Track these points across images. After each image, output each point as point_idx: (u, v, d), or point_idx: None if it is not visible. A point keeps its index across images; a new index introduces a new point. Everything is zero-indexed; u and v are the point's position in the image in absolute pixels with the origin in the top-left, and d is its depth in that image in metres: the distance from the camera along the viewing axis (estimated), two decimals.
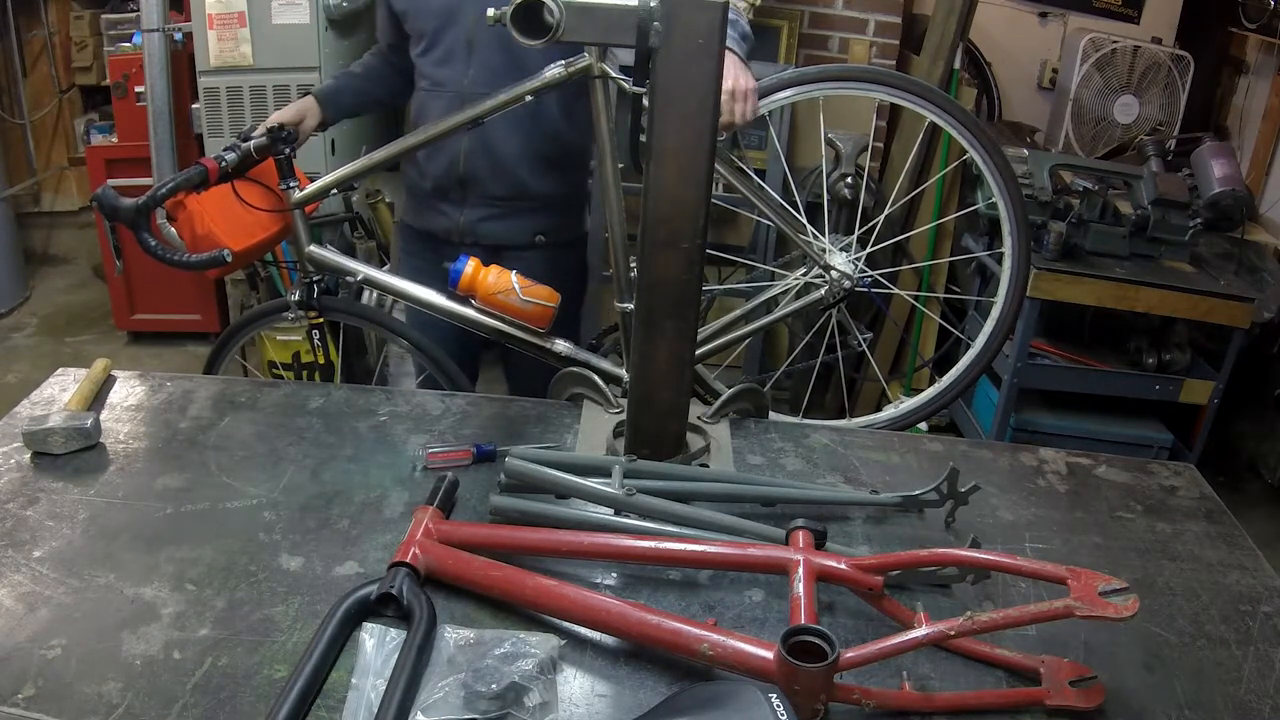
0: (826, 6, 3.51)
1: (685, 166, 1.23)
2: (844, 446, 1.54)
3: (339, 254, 1.86)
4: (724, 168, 1.70)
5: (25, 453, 1.35)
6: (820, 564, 1.09)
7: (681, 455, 1.43)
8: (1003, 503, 1.41)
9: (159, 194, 1.63)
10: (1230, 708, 1.07)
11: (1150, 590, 1.25)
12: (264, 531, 1.23)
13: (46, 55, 4.15)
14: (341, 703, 0.97)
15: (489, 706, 0.96)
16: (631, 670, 1.05)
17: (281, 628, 1.07)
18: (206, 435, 1.43)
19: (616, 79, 1.59)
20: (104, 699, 0.96)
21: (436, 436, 1.47)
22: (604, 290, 3.41)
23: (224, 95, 3.10)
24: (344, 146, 3.31)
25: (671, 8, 1.16)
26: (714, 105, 1.21)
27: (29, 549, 1.17)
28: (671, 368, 1.35)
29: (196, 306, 3.85)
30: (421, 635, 1.02)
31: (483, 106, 1.70)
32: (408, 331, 1.99)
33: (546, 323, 1.69)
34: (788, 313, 1.87)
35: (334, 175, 1.80)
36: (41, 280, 4.44)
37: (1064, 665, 1.06)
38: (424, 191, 2.07)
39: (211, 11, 2.99)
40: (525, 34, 1.38)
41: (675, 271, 1.28)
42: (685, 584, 1.19)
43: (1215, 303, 2.88)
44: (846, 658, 0.94)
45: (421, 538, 1.15)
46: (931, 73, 3.28)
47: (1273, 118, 3.59)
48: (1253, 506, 3.36)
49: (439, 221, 2.06)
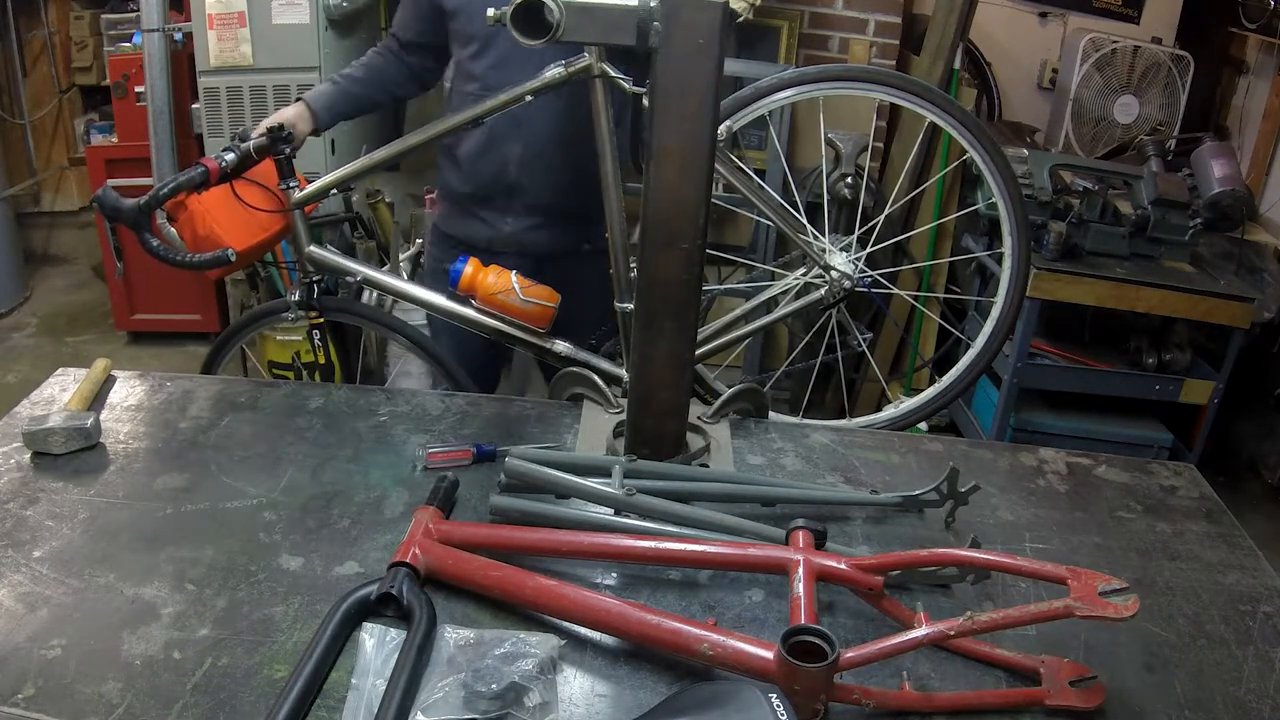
0: (826, 6, 3.51)
1: (685, 166, 1.23)
2: (844, 446, 1.54)
3: (339, 254, 1.86)
4: (724, 168, 1.70)
5: (25, 453, 1.35)
6: (820, 564, 1.09)
7: (681, 455, 1.43)
8: (1003, 503, 1.41)
9: (160, 194, 1.63)
10: (1230, 708, 1.07)
11: (1150, 590, 1.25)
12: (264, 531, 1.23)
13: (46, 55, 4.15)
14: (341, 703, 0.97)
15: (489, 706, 0.96)
16: (631, 670, 1.05)
17: (281, 628, 1.07)
18: (206, 435, 1.43)
19: (616, 79, 1.60)
20: (104, 699, 0.96)
21: (436, 436, 1.47)
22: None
23: (224, 95, 3.10)
24: (344, 146, 3.31)
25: (671, 8, 1.16)
26: (714, 105, 1.21)
27: (29, 549, 1.17)
28: (671, 368, 1.35)
29: (196, 306, 3.85)
30: (421, 635, 1.02)
31: (483, 106, 1.70)
32: (408, 330, 1.99)
33: (546, 323, 1.69)
34: (788, 312, 1.87)
35: (333, 175, 1.80)
36: (41, 280, 4.44)
37: (1064, 665, 1.06)
38: (464, 197, 2.03)
39: (211, 11, 2.99)
40: (525, 34, 1.38)
41: (675, 271, 1.28)
42: (685, 584, 1.19)
43: (1215, 303, 2.88)
44: (846, 658, 0.94)
45: (421, 538, 1.15)
46: (931, 73, 3.28)
47: (1273, 118, 3.59)
48: (1253, 507, 3.36)
49: (479, 230, 2.03)
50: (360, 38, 3.47)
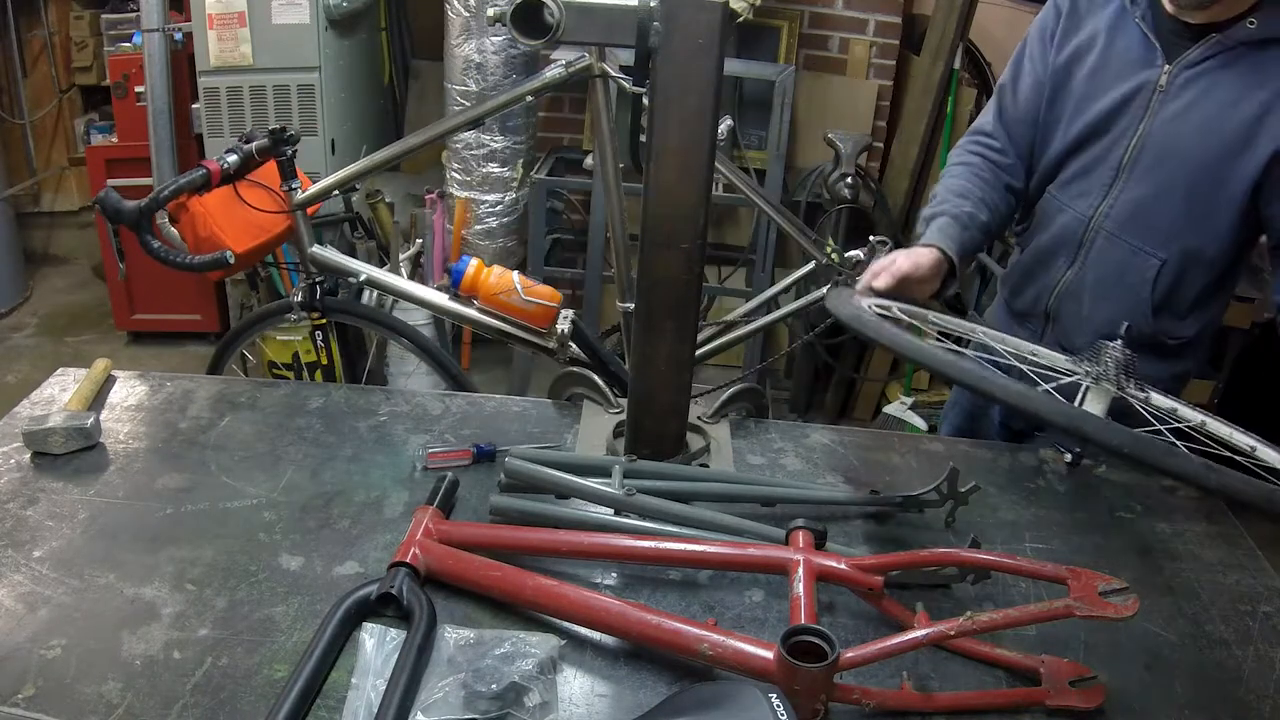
0: (826, 6, 3.51)
1: (685, 166, 1.23)
2: (844, 446, 1.54)
3: (341, 255, 1.86)
4: (725, 167, 1.70)
5: (25, 453, 1.35)
6: (820, 564, 1.09)
7: (681, 455, 1.43)
8: (1003, 503, 1.41)
9: (162, 196, 1.64)
10: (1230, 708, 1.07)
11: (1150, 590, 1.25)
12: (264, 531, 1.23)
13: (46, 55, 4.15)
14: (341, 703, 0.97)
15: (489, 706, 0.96)
16: (631, 670, 1.05)
17: (281, 628, 1.07)
18: (206, 435, 1.43)
19: (617, 79, 1.60)
20: (104, 699, 0.96)
21: (436, 436, 1.47)
22: (605, 290, 3.42)
23: (224, 95, 3.11)
24: (344, 147, 3.31)
25: (671, 8, 1.16)
26: (714, 105, 1.21)
27: (29, 549, 1.17)
28: (671, 368, 1.35)
29: (197, 307, 3.85)
30: (421, 635, 1.02)
31: (484, 107, 1.70)
32: (408, 331, 2.00)
33: (548, 322, 1.69)
34: (789, 311, 1.87)
35: (335, 176, 1.80)
36: (41, 280, 4.44)
37: (1064, 665, 1.06)
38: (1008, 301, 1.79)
39: (211, 11, 3.00)
40: (525, 34, 1.38)
41: (675, 271, 1.28)
42: (685, 584, 1.19)
43: None
44: (846, 658, 0.94)
45: (421, 538, 1.15)
46: (931, 73, 3.28)
47: None
48: None
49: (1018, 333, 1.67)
50: (360, 38, 3.48)
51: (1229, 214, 1.46)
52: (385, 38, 3.78)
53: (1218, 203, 1.45)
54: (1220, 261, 1.52)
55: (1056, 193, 1.60)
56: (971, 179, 1.60)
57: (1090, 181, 1.54)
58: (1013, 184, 1.64)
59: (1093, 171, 1.53)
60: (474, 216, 3.31)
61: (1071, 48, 1.54)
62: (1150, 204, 1.48)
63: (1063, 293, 1.61)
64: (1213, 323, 1.63)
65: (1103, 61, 1.50)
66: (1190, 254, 1.50)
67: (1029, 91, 1.60)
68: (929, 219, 1.55)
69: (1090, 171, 1.54)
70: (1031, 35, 1.60)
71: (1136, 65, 1.46)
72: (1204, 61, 1.41)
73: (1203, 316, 1.59)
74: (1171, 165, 1.45)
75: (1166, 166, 1.46)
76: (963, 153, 1.67)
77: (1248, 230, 1.50)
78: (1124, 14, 1.49)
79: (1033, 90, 1.59)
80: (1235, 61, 1.39)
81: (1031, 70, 1.59)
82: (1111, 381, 1.18)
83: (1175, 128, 1.44)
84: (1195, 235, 1.48)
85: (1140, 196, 1.49)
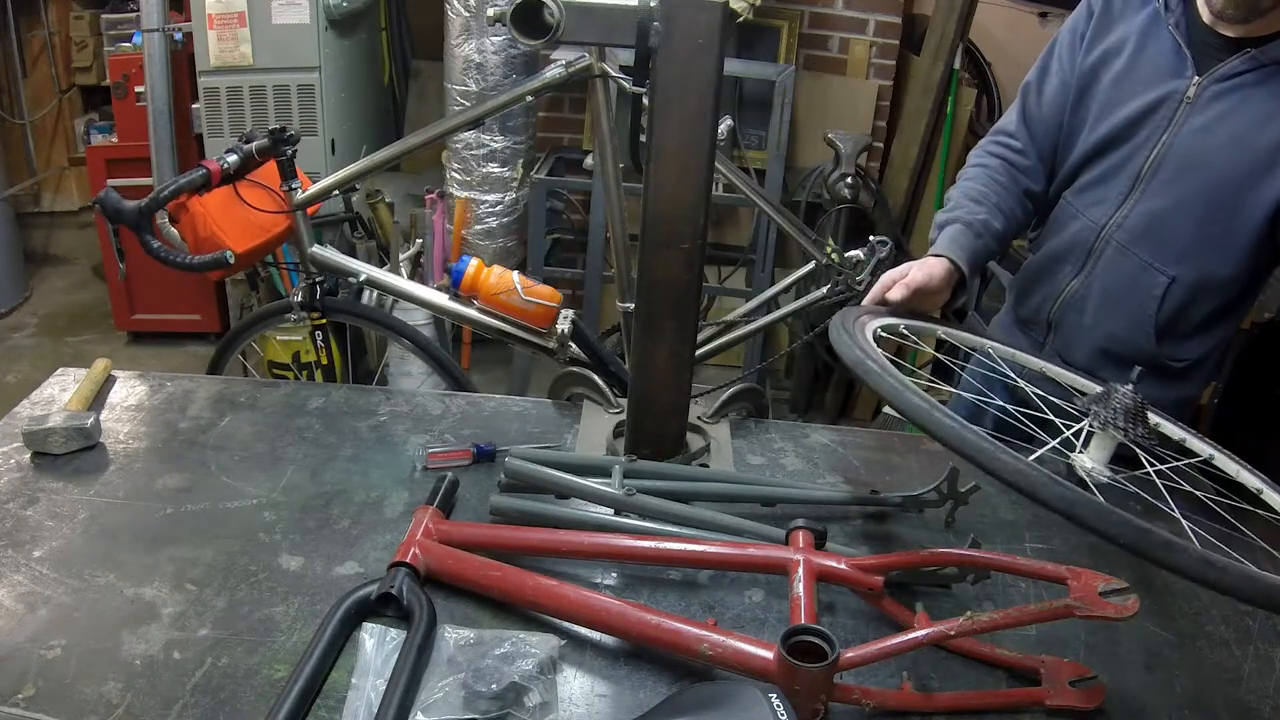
0: (826, 6, 3.51)
1: (685, 166, 1.23)
2: (844, 446, 1.54)
3: (341, 255, 1.86)
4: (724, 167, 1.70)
5: (25, 453, 1.35)
6: (820, 564, 1.09)
7: (681, 455, 1.43)
8: (1003, 503, 1.41)
9: (162, 196, 1.64)
10: (1230, 708, 1.07)
11: (1150, 590, 1.25)
12: (264, 531, 1.23)
13: (46, 55, 4.15)
14: (341, 703, 0.97)
15: (489, 706, 0.96)
16: (631, 670, 1.05)
17: (281, 628, 1.07)
18: (206, 435, 1.43)
19: (617, 79, 1.60)
20: (104, 699, 0.96)
21: (436, 436, 1.47)
22: (605, 290, 3.42)
23: (224, 95, 3.11)
24: (344, 147, 3.31)
25: (671, 8, 1.16)
26: (714, 105, 1.21)
27: (29, 549, 1.17)
28: (671, 368, 1.35)
29: (197, 307, 3.86)
30: (421, 635, 1.02)
31: (484, 107, 1.70)
32: (408, 331, 2.00)
33: (548, 322, 1.69)
34: (789, 311, 1.88)
35: (335, 176, 1.80)
36: (41, 280, 4.44)
37: (1064, 665, 1.06)
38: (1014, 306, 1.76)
39: (211, 11, 3.00)
40: (525, 34, 1.38)
41: (675, 271, 1.28)
42: (685, 584, 1.19)
43: None
44: (846, 658, 0.94)
45: (421, 538, 1.15)
46: (931, 73, 3.28)
47: None
48: None
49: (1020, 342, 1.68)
50: (360, 38, 3.48)
51: (1246, 236, 1.41)
52: (385, 38, 3.78)
53: (1236, 223, 1.41)
54: (1231, 287, 1.48)
55: (1072, 199, 1.57)
56: (988, 183, 1.58)
57: (1106, 190, 1.51)
58: (1031, 188, 1.60)
59: (1110, 180, 1.50)
60: (474, 216, 3.31)
61: (1100, 50, 1.50)
62: (1165, 218, 1.45)
63: (1066, 302, 1.59)
64: (1217, 347, 1.58)
65: (1130, 67, 1.47)
66: (1201, 275, 1.46)
67: (1054, 93, 1.56)
68: (941, 225, 1.53)
69: (1107, 179, 1.51)
70: (1062, 35, 1.57)
71: (1165, 74, 1.43)
72: (1236, 76, 1.37)
73: (1207, 341, 1.55)
74: (1192, 179, 1.42)
75: (1186, 180, 1.42)
76: (981, 153, 1.64)
77: (1264, 257, 1.45)
78: (1157, 20, 1.44)
79: (1058, 91, 1.56)
80: (1270, 79, 1.35)
81: (1059, 70, 1.56)
82: (1119, 429, 1.17)
83: (1200, 141, 1.40)
84: (1208, 256, 1.44)
85: (1156, 209, 1.46)
